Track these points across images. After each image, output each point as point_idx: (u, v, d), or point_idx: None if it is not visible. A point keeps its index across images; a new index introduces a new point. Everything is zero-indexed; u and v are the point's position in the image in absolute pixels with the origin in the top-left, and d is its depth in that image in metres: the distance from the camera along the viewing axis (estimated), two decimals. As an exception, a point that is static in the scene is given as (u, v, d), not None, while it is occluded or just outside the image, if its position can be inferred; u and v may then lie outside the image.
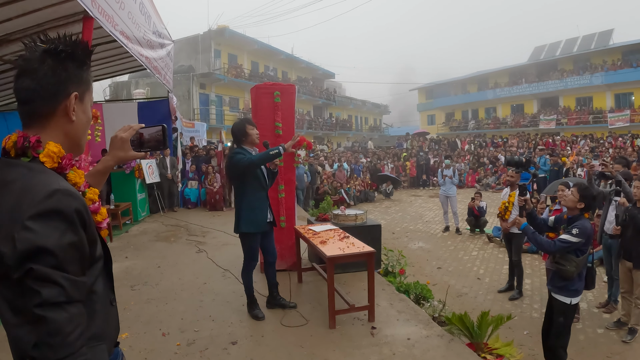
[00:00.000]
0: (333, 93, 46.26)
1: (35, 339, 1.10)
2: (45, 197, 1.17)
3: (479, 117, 43.36)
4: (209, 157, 14.22)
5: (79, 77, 1.39)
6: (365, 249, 4.71)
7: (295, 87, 6.67)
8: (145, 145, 1.74)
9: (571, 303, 4.13)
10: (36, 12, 6.68)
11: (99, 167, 1.76)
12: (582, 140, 24.50)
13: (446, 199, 11.79)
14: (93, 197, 1.47)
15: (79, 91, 1.39)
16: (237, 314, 4.91)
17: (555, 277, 4.21)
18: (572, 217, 4.20)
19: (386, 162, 23.36)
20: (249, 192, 4.73)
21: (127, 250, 7.96)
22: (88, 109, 1.46)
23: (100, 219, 1.50)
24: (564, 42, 40.08)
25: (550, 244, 4.11)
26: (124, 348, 4.09)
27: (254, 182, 4.73)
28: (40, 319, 1.10)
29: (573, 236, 3.97)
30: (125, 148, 1.70)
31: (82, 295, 1.22)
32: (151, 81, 26.41)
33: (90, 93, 1.47)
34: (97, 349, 1.30)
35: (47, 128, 1.36)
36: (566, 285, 4.12)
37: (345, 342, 4.21)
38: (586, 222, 4.07)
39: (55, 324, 1.11)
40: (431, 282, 7.17)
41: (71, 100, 1.36)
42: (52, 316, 1.11)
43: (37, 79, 1.32)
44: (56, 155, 1.31)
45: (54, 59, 1.34)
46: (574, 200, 4.14)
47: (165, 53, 10.76)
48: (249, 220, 4.70)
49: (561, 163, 16.39)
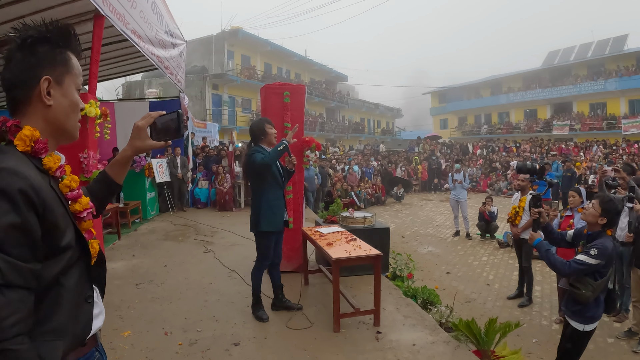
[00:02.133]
0: (346, 96, 46.30)
1: None
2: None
3: (491, 121, 43.20)
4: (219, 157, 14.23)
5: (51, 60, 1.36)
6: (371, 252, 4.65)
7: (305, 88, 6.63)
8: (160, 133, 1.71)
9: (584, 330, 3.66)
10: (48, 10, 6.70)
11: (118, 157, 1.75)
12: (595, 146, 24.27)
13: (456, 204, 11.68)
14: (71, 184, 1.42)
15: (52, 74, 1.36)
16: (241, 315, 4.87)
17: (570, 300, 3.75)
18: (592, 234, 3.67)
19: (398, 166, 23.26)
20: (268, 191, 4.70)
21: (135, 248, 7.96)
22: (70, 92, 1.42)
23: (79, 208, 1.44)
24: (578, 47, 39.85)
25: (565, 265, 3.58)
26: (126, 346, 4.07)
27: (272, 180, 4.70)
28: None
29: (591, 257, 3.44)
30: (142, 137, 1.69)
31: (28, 282, 1.18)
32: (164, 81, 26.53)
33: (72, 76, 1.43)
34: (50, 345, 1.26)
35: (27, 114, 1.36)
36: (581, 310, 3.67)
37: (349, 346, 4.15)
38: (607, 240, 3.53)
39: None
40: (439, 287, 7.10)
41: (42, 84, 1.34)
42: None
43: (10, 67, 1.34)
44: (28, 138, 1.30)
45: (25, 46, 1.34)
46: (594, 214, 3.62)
47: (177, 53, 10.79)
48: (269, 219, 4.67)
49: (574, 169, 16.19)
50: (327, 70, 44.09)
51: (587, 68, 36.45)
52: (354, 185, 17.52)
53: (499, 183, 21.96)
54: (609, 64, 34.53)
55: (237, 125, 29.60)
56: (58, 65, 1.38)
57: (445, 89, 49.31)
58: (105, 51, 7.03)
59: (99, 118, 6.19)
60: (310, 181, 13.84)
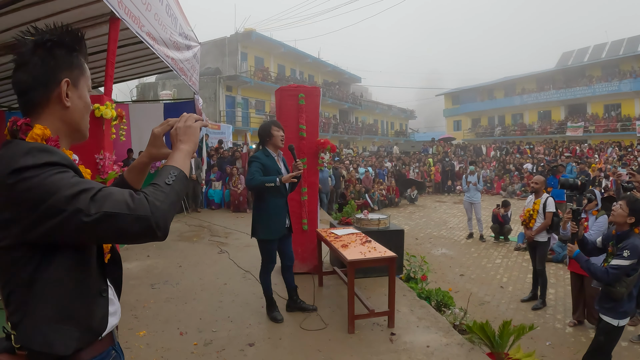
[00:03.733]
0: (359, 97, 46.22)
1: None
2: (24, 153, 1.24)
3: (505, 123, 42.88)
4: (233, 158, 14.27)
5: (69, 63, 1.41)
6: (386, 253, 4.64)
7: (320, 90, 6.63)
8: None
9: (618, 325, 3.83)
10: (63, 12, 6.76)
11: (135, 163, 1.80)
12: (610, 148, 24.02)
13: (470, 206, 11.62)
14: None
15: (70, 77, 1.41)
16: (256, 316, 4.88)
17: (604, 297, 3.93)
18: (621, 234, 3.87)
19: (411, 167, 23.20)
20: (268, 199, 4.66)
21: (150, 249, 8.00)
22: (84, 95, 1.48)
23: None
24: (592, 48, 39.53)
25: (604, 273, 3.79)
26: (141, 345, 4.10)
27: (272, 189, 4.59)
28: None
29: (624, 259, 3.69)
30: (157, 144, 1.71)
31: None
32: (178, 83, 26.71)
33: (85, 79, 1.49)
34: (65, 332, 1.31)
35: (43, 115, 1.40)
36: (614, 307, 3.83)
37: (363, 348, 4.14)
38: (636, 239, 3.75)
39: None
40: (453, 289, 7.06)
41: (62, 86, 1.39)
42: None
43: (28, 70, 1.37)
44: (40, 137, 1.34)
45: (42, 49, 1.37)
46: (623, 214, 3.82)
47: (192, 55, 10.83)
48: (267, 227, 4.66)
49: (588, 171, 16.03)
50: (341, 72, 44.11)
51: (601, 69, 36.00)
52: (368, 187, 17.48)
53: (512, 185, 21.82)
54: (624, 64, 34.08)
55: (251, 127, 29.65)
56: (75, 69, 1.43)
57: (458, 90, 49.01)
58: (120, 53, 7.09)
59: (114, 119, 6.24)
60: (324, 183, 13.82)
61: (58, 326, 1.29)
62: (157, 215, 1.25)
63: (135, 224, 1.22)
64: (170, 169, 1.42)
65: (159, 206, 1.26)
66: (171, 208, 1.32)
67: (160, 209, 1.26)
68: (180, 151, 1.52)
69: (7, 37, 7.43)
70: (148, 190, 1.31)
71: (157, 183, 1.35)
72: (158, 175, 1.40)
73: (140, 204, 1.24)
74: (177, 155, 1.50)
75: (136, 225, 1.22)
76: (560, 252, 9.11)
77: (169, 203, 1.31)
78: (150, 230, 1.24)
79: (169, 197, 1.32)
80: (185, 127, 1.60)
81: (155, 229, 1.24)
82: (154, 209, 1.25)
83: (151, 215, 1.24)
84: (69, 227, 1.20)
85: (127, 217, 1.21)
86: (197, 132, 1.63)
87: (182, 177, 1.42)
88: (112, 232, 1.22)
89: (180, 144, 1.55)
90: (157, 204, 1.26)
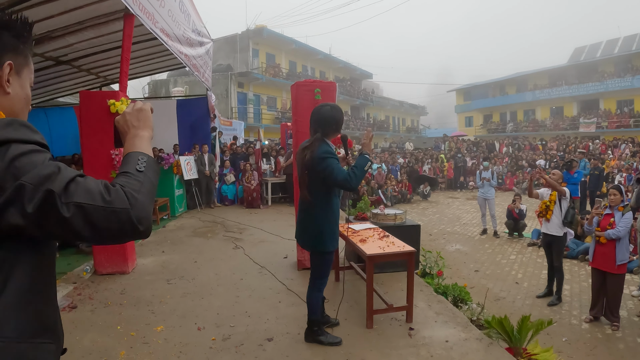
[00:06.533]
0: (371, 93, 46.14)
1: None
2: None
3: (517, 119, 42.62)
4: (247, 154, 14.28)
5: (14, 48, 1.30)
6: (405, 248, 4.61)
7: (336, 85, 6.60)
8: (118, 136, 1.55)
9: None
10: (78, 9, 6.78)
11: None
12: (623, 144, 23.76)
13: (484, 202, 11.53)
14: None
15: (15, 62, 1.29)
16: (273, 311, 4.86)
17: None
18: None
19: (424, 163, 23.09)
20: (334, 203, 3.88)
21: (164, 244, 8.03)
22: (26, 86, 1.36)
23: None
24: (605, 43, 39.13)
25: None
26: (159, 341, 4.10)
27: (336, 190, 3.90)
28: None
29: None
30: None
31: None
32: (189, 79, 26.79)
33: (29, 70, 1.37)
34: (45, 349, 1.19)
35: None
36: None
37: (382, 342, 4.12)
38: None
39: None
40: (468, 285, 7.01)
41: (5, 69, 1.27)
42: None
43: None
44: None
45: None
46: None
47: (204, 51, 10.86)
48: (334, 235, 3.90)
49: (602, 167, 15.86)
50: (352, 68, 44.04)
51: (614, 64, 35.61)
52: (381, 183, 17.43)
53: (525, 181, 21.63)
54: (636, 60, 33.68)
55: (263, 123, 29.72)
56: (19, 55, 1.32)
57: (470, 86, 48.78)
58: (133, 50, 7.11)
59: (130, 115, 6.24)
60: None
61: (41, 343, 1.17)
62: (137, 208, 1.13)
63: (112, 219, 1.10)
64: (138, 154, 1.30)
65: (137, 197, 1.15)
66: (150, 199, 1.21)
67: (139, 200, 1.15)
68: (140, 137, 1.40)
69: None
70: (120, 180, 1.19)
71: (128, 171, 1.23)
72: (125, 163, 1.28)
73: (116, 196, 1.12)
74: (138, 142, 1.38)
75: (114, 221, 1.10)
76: (575, 248, 9.04)
77: (146, 193, 1.20)
78: (131, 226, 1.12)
79: (145, 186, 1.21)
80: (136, 112, 1.46)
81: (137, 224, 1.13)
82: (133, 201, 1.13)
83: (130, 208, 1.12)
84: (41, 214, 1.06)
85: (102, 211, 1.09)
86: (150, 116, 1.49)
87: (152, 163, 1.30)
88: (85, 227, 1.08)
89: (137, 130, 1.42)
90: (135, 195, 1.15)
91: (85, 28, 7.60)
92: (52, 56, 8.84)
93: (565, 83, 37.96)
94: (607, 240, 5.71)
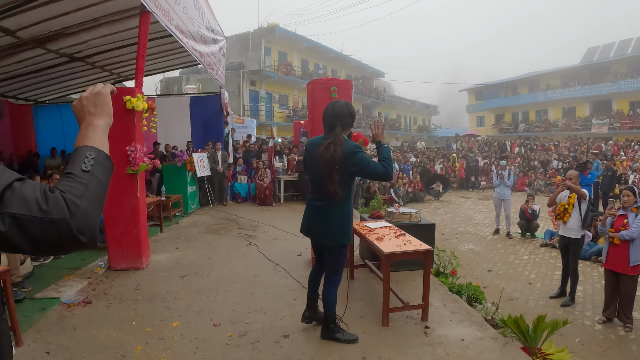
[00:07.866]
0: (382, 92, 46.02)
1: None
2: None
3: (529, 119, 42.33)
4: (260, 152, 14.29)
5: None
6: (422, 246, 4.58)
7: (352, 83, 6.59)
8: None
9: None
10: (93, 6, 6.82)
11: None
12: (636, 145, 23.53)
13: (500, 202, 11.44)
14: None
15: None
16: (289, 308, 4.85)
17: None
18: None
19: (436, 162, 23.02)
20: (351, 196, 3.94)
21: (178, 241, 8.05)
22: None
23: None
24: (618, 44, 38.74)
25: None
26: (175, 337, 4.10)
27: (354, 185, 4.01)
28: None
29: None
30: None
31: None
32: (202, 77, 26.86)
33: None
34: None
35: None
36: None
37: (398, 340, 4.10)
38: None
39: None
40: (481, 284, 6.96)
41: None
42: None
43: None
44: None
45: None
46: None
47: (218, 49, 10.87)
48: (351, 230, 3.96)
49: (614, 168, 15.72)
50: (364, 67, 43.94)
51: (626, 65, 35.29)
52: (393, 182, 17.38)
53: (537, 182, 21.52)
54: (650, 60, 33.39)
55: (275, 121, 29.74)
56: None
57: (481, 86, 48.50)
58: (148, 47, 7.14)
59: (145, 112, 6.26)
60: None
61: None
62: (78, 217, 1.01)
63: (50, 230, 0.99)
64: (86, 150, 1.15)
65: (79, 204, 1.03)
66: (95, 203, 1.07)
67: (81, 207, 1.03)
68: (94, 127, 1.24)
69: (35, 31, 7.52)
70: (63, 184, 1.06)
71: (72, 172, 1.09)
72: (71, 162, 1.14)
73: (55, 204, 1.00)
74: (90, 133, 1.22)
75: (52, 232, 0.99)
76: (588, 249, 8.96)
77: (92, 197, 1.07)
78: (71, 238, 1.01)
79: (90, 189, 1.08)
80: (94, 96, 1.30)
81: (78, 235, 1.01)
82: (74, 209, 1.01)
83: (69, 217, 1.00)
84: None
85: (38, 222, 0.98)
86: (108, 101, 1.32)
87: (102, 159, 1.16)
88: (24, 241, 0.98)
89: (92, 118, 1.26)
90: (77, 202, 1.03)
91: (100, 25, 7.64)
92: (66, 53, 8.89)
93: (578, 83, 37.70)
94: (620, 241, 5.67)
